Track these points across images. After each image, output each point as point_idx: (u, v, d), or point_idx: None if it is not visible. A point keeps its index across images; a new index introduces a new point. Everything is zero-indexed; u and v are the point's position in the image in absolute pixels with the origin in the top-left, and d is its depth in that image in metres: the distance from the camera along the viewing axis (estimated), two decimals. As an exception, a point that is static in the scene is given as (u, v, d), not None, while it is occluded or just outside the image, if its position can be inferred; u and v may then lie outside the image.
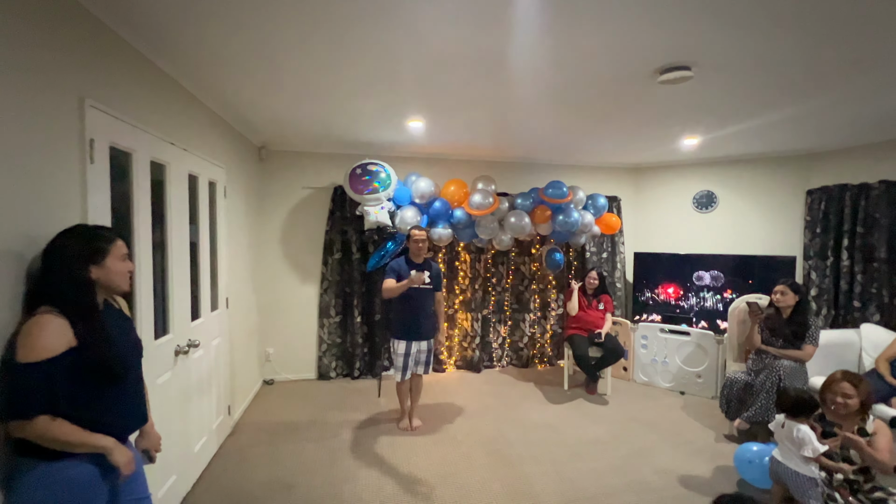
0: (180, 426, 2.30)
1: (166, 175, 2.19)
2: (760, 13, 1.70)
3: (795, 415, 2.18)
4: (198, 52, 2.06)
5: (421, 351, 3.17)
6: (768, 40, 1.91)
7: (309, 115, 3.14)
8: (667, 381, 4.19)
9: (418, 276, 2.94)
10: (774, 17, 1.73)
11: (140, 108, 1.97)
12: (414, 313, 3.12)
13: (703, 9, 1.68)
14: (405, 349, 3.11)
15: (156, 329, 2.08)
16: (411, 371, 3.17)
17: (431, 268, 3.18)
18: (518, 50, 2.03)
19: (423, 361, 3.20)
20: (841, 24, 1.76)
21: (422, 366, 3.20)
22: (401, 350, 3.12)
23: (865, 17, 1.72)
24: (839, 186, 3.89)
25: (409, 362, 3.14)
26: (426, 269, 3.11)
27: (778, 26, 1.79)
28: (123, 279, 1.34)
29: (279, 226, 4.25)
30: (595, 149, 4.20)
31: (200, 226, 2.68)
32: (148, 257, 1.99)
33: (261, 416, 3.44)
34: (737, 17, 1.73)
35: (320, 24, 1.80)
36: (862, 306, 3.74)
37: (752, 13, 1.70)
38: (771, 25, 1.79)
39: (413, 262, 3.14)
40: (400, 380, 3.17)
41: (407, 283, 2.95)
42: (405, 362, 3.13)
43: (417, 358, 3.17)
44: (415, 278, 2.93)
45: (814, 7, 1.65)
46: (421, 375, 3.26)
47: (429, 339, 3.21)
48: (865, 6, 1.64)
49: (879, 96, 2.62)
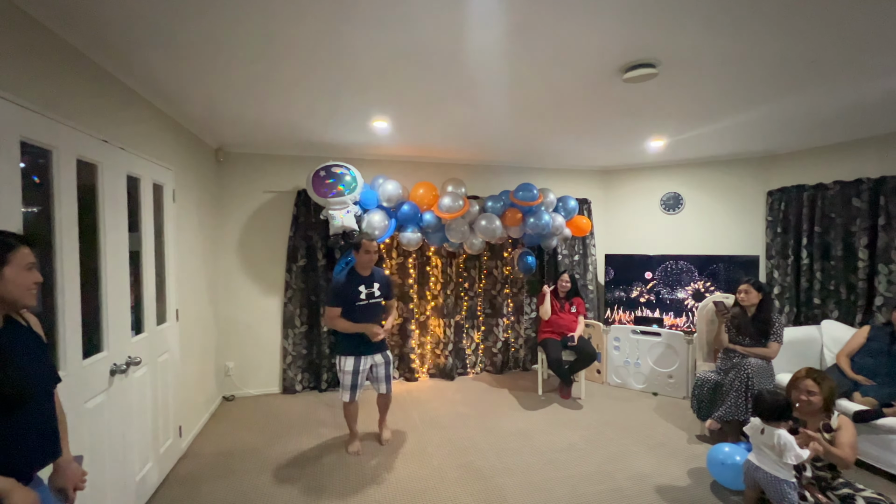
0: (118, 454, 2.08)
1: (98, 175, 1.98)
2: (721, 10, 1.68)
3: (773, 419, 2.12)
4: (136, 45, 1.88)
5: (377, 365, 2.91)
6: (730, 37, 1.90)
7: (267, 116, 2.97)
8: (640, 382, 4.19)
9: (373, 332, 2.76)
10: (735, 14, 1.71)
11: (65, 102, 1.77)
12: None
13: (664, 5, 1.64)
14: (353, 366, 2.82)
15: (86, 347, 1.86)
16: (361, 391, 2.89)
17: (379, 277, 2.92)
18: (479, 47, 1.95)
19: (382, 377, 2.94)
20: (798, 21, 1.76)
21: (383, 383, 2.95)
22: (348, 367, 2.81)
23: (820, 17, 1.72)
24: (797, 187, 4.01)
25: (360, 380, 2.85)
26: (376, 281, 2.87)
27: (739, 23, 1.78)
28: (26, 293, 1.16)
29: (239, 232, 4.02)
30: (564, 151, 4.19)
31: (144, 232, 2.46)
32: (74, 267, 1.78)
33: (217, 437, 3.20)
34: (698, 14, 1.70)
35: (274, 16, 1.67)
36: (822, 303, 3.85)
37: (713, 10, 1.68)
38: (732, 22, 1.77)
39: (360, 276, 2.83)
40: (348, 400, 2.84)
41: (362, 330, 2.77)
42: (354, 380, 2.82)
43: (376, 374, 2.92)
44: (371, 333, 2.75)
45: (771, 4, 1.64)
46: (387, 394, 3.01)
47: (383, 350, 2.95)
48: (817, 5, 1.64)
49: (833, 98, 2.68)
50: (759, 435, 2.17)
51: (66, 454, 1.32)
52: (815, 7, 1.66)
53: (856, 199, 3.60)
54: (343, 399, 2.87)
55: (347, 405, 2.90)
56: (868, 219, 3.53)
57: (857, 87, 2.51)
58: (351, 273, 2.84)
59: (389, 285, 3.00)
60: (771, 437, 2.09)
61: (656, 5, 1.65)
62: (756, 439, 2.20)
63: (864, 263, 3.54)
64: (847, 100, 2.72)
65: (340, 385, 2.87)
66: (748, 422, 2.77)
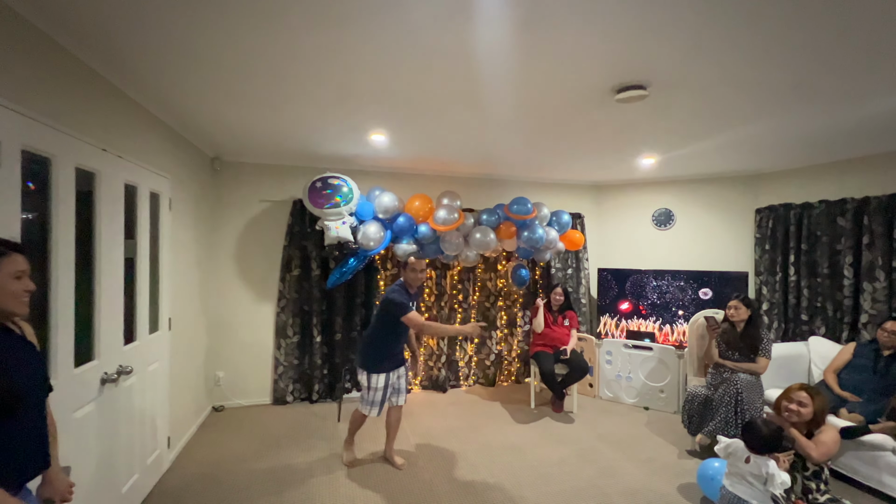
0: (105, 465, 2.05)
1: (96, 184, 1.99)
2: (707, 38, 1.75)
3: (765, 451, 2.08)
4: (138, 54, 1.91)
5: (400, 377, 2.93)
6: (716, 63, 1.97)
7: (266, 126, 3.00)
8: (631, 396, 4.20)
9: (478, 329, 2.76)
10: (722, 41, 1.78)
11: (66, 111, 1.79)
12: (401, 344, 2.90)
13: (653, 33, 1.71)
14: (385, 381, 2.80)
15: (78, 355, 1.85)
16: (388, 404, 2.90)
17: (416, 296, 2.95)
18: (477, 66, 2.00)
19: (402, 389, 2.94)
20: (781, 48, 1.84)
21: (402, 394, 2.94)
22: (381, 384, 2.78)
23: (802, 44, 1.80)
24: (784, 205, 4.11)
25: (388, 394, 2.84)
26: (419, 297, 2.97)
27: (725, 49, 1.85)
28: (16, 301, 1.16)
29: (234, 241, 4.02)
30: (558, 166, 4.26)
31: (139, 240, 2.46)
32: (69, 275, 1.78)
33: (205, 448, 3.16)
34: (686, 41, 1.77)
35: (276, 31, 1.71)
36: (809, 319, 3.91)
37: (700, 37, 1.75)
38: (717, 49, 1.84)
39: (409, 294, 2.84)
40: (376, 415, 2.81)
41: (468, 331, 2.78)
42: (384, 395, 2.81)
43: (397, 386, 2.92)
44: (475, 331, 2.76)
45: (756, 32, 1.71)
46: (400, 407, 2.98)
47: (404, 363, 3.00)
48: (802, 34, 1.72)
49: (816, 121, 2.77)
50: (742, 463, 2.10)
51: (55, 465, 1.31)
52: (799, 35, 1.73)
53: (840, 218, 3.69)
54: (370, 415, 2.81)
55: (365, 417, 2.86)
56: (853, 237, 3.61)
57: (838, 111, 2.60)
58: (403, 289, 2.83)
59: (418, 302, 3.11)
60: (758, 467, 2.04)
61: (645, 33, 1.72)
62: (737, 465, 2.13)
63: (849, 281, 3.61)
64: (830, 123, 2.82)
65: (363, 401, 2.83)
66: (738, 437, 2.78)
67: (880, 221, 3.43)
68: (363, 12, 1.60)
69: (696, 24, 1.66)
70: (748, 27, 1.68)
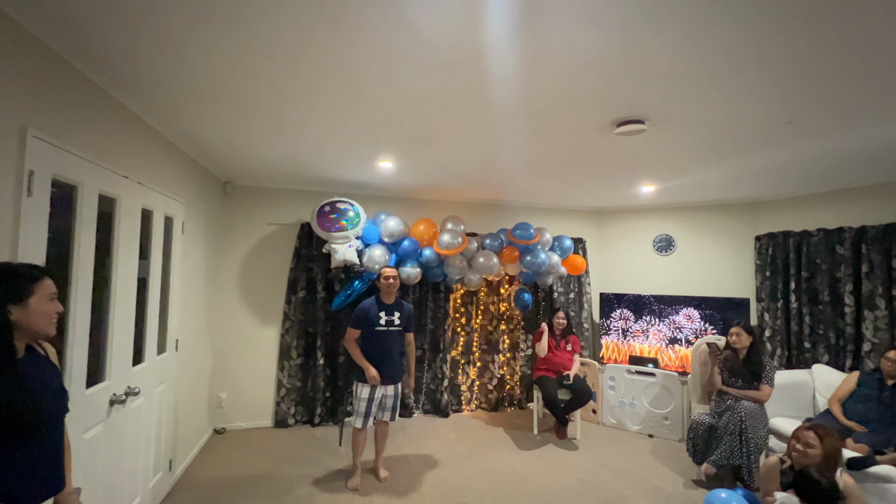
0: (110, 487, 2.05)
1: (116, 209, 2.07)
2: (702, 76, 1.85)
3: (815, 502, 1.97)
4: (159, 85, 2.02)
5: (387, 396, 3.00)
6: (711, 99, 2.08)
7: (277, 153, 3.11)
8: (635, 423, 4.16)
9: (371, 375, 2.89)
10: (715, 80, 1.88)
11: (92, 141, 1.88)
12: (381, 356, 2.97)
13: (650, 72, 1.81)
14: (369, 394, 2.94)
15: (89, 376, 1.89)
16: (374, 418, 3.00)
17: (403, 308, 3.08)
18: (484, 98, 2.11)
19: (388, 407, 3.03)
20: (776, 86, 1.94)
21: (388, 412, 3.03)
22: (364, 395, 2.94)
23: (791, 81, 1.90)
24: (783, 233, 4.17)
25: (373, 408, 2.96)
26: (397, 310, 3.03)
27: (719, 87, 1.95)
28: (48, 322, 1.21)
29: (241, 263, 4.08)
30: (561, 192, 4.36)
31: (152, 264, 2.53)
32: (87, 297, 1.84)
33: (207, 471, 3.13)
34: (681, 79, 1.87)
35: (287, 61, 1.82)
36: (812, 347, 3.91)
37: (696, 76, 1.85)
38: (712, 86, 1.95)
39: (383, 303, 3.02)
40: (360, 426, 2.94)
41: (364, 368, 2.91)
42: (368, 408, 2.94)
43: (383, 403, 3.00)
44: (369, 376, 2.88)
45: (748, 72, 1.81)
46: (387, 422, 3.08)
47: (396, 383, 3.05)
48: (788, 75, 1.82)
49: (809, 153, 2.86)
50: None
51: (68, 486, 1.33)
52: (790, 72, 1.82)
53: (839, 246, 3.74)
54: (355, 425, 2.96)
55: (358, 432, 2.97)
56: (852, 266, 3.65)
57: (831, 145, 2.69)
58: (375, 299, 3.03)
59: (410, 318, 3.15)
60: None
61: (643, 72, 1.82)
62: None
63: (850, 309, 3.63)
64: (823, 155, 2.90)
65: (354, 412, 2.97)
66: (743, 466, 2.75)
67: (878, 250, 3.48)
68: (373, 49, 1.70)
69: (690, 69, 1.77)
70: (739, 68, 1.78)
